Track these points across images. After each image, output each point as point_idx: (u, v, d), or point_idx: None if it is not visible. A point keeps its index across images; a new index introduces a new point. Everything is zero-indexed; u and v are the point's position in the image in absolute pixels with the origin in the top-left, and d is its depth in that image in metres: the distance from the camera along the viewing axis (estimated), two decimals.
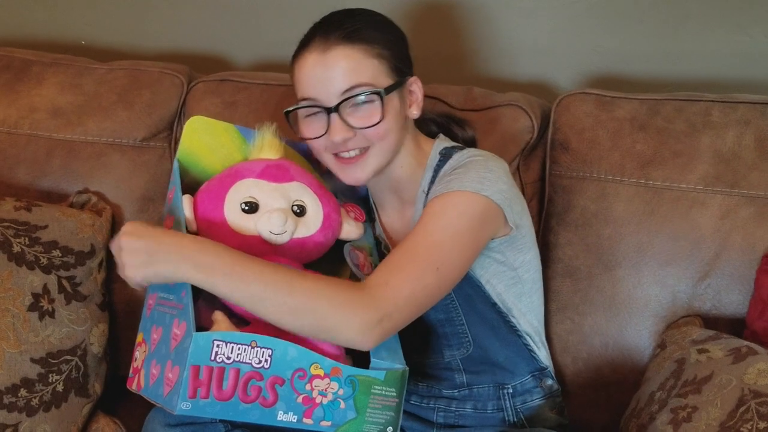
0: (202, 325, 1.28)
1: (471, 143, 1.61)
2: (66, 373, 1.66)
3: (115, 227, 1.82)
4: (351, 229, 1.49)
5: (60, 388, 1.64)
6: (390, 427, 1.34)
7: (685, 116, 1.71)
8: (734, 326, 1.61)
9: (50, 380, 1.63)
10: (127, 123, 1.88)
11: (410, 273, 1.36)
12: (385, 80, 1.43)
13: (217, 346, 1.22)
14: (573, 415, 1.67)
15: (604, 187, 1.70)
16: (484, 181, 1.42)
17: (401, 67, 1.47)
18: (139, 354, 1.41)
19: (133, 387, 1.40)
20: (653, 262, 1.66)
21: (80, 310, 1.70)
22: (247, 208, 1.39)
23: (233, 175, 1.43)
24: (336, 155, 1.46)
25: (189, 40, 2.20)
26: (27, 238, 1.66)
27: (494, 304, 1.52)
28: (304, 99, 1.45)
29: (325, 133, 1.43)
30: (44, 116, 1.88)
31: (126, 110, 1.88)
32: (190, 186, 1.47)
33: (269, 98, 1.85)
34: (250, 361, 1.24)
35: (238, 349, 1.23)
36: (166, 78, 1.93)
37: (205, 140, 1.51)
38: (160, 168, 1.88)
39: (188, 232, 1.37)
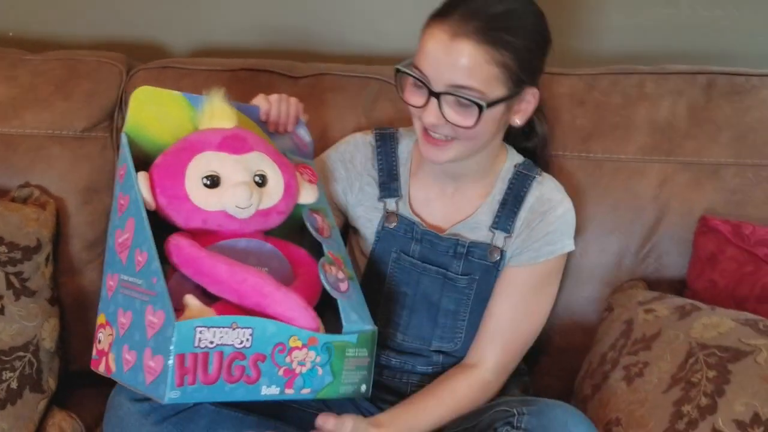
0: (174, 306, 1.28)
1: (543, 140, 1.67)
2: (19, 370, 1.64)
3: (59, 220, 1.81)
4: (308, 193, 1.50)
5: (14, 385, 1.62)
6: (363, 385, 1.42)
7: (620, 89, 1.79)
8: (675, 287, 1.70)
9: (3, 378, 1.61)
10: (67, 114, 1.85)
11: (522, 351, 1.60)
12: (498, 90, 1.42)
13: (200, 332, 1.24)
14: (532, 381, 1.72)
15: (547, 161, 1.73)
16: (573, 233, 1.60)
17: (524, 78, 1.44)
18: (103, 337, 1.40)
19: (99, 369, 1.39)
20: (598, 231, 1.74)
21: (30, 305, 1.69)
22: (209, 182, 1.37)
23: (190, 148, 1.40)
24: (424, 129, 1.47)
25: (122, 29, 2.18)
26: None
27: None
28: (418, 68, 1.43)
29: (422, 107, 1.44)
30: None
31: (64, 101, 1.86)
32: (141, 160, 1.43)
33: (214, 83, 1.77)
34: (232, 343, 1.26)
35: (220, 332, 1.25)
36: (105, 67, 1.91)
37: (152, 111, 1.46)
38: (102, 158, 1.86)
39: (147, 212, 1.35)
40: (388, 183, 1.63)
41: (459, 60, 1.39)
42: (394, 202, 1.63)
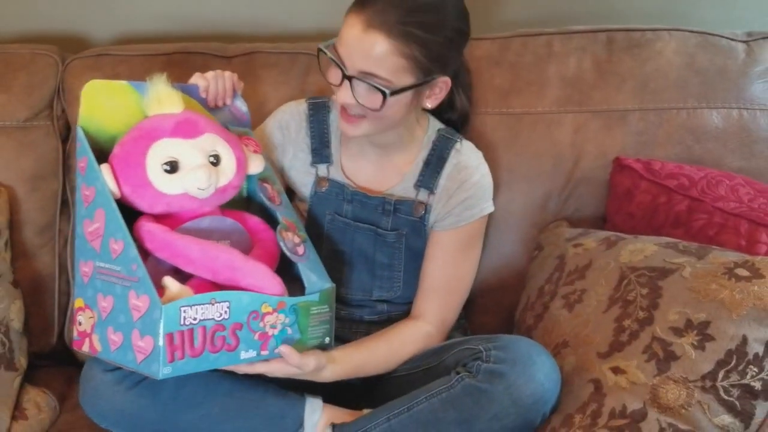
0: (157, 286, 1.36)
1: (464, 113, 1.77)
2: None
3: (11, 208, 1.85)
4: (255, 164, 1.56)
5: None
6: (327, 338, 1.54)
7: (531, 49, 1.93)
8: (595, 223, 1.86)
9: None
10: (8, 105, 1.89)
11: (458, 304, 1.73)
12: (405, 79, 1.50)
13: (184, 311, 1.33)
14: (469, 323, 1.86)
15: (472, 119, 1.86)
16: (491, 196, 1.71)
17: (433, 69, 1.51)
18: (84, 319, 1.46)
19: (83, 349, 1.46)
20: (522, 179, 1.87)
21: None
22: (168, 168, 1.43)
23: (145, 136, 1.45)
24: (342, 106, 1.55)
25: (43, 23, 2.18)
26: None
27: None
28: (336, 51, 1.51)
29: (337, 85, 1.53)
30: None
31: (4, 93, 1.89)
32: (97, 150, 1.47)
33: (151, 68, 1.78)
34: (212, 317, 1.36)
35: (202, 308, 1.35)
36: (39, 58, 1.94)
37: (103, 103, 1.50)
38: (46, 145, 1.91)
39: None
40: (320, 150, 1.72)
41: (369, 50, 1.47)
42: (325, 168, 1.72)
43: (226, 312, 1.37)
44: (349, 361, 1.58)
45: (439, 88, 1.58)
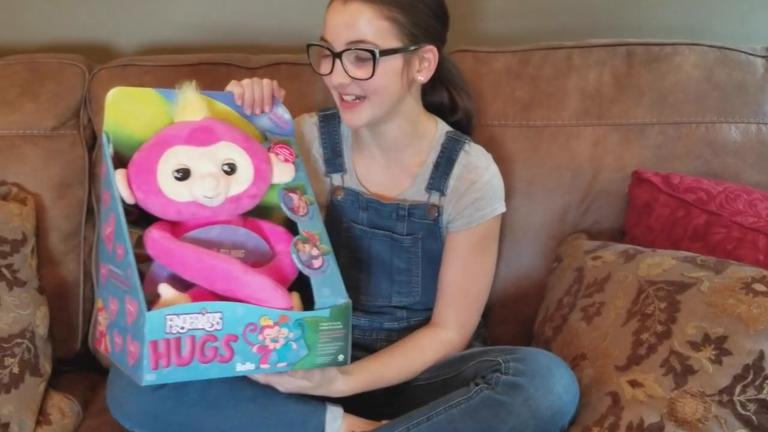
0: (152, 293, 1.37)
1: (468, 114, 1.78)
2: (19, 356, 1.70)
3: (37, 215, 1.88)
4: (282, 173, 1.55)
5: (16, 370, 1.69)
6: (341, 355, 1.47)
7: (551, 63, 1.94)
8: (614, 235, 1.87)
9: (6, 363, 1.67)
10: (35, 114, 1.92)
11: (478, 308, 1.74)
12: (391, 42, 1.54)
13: (170, 319, 1.31)
14: (489, 332, 1.87)
15: (492, 132, 1.90)
16: (502, 196, 1.72)
17: (417, 33, 1.56)
18: (102, 319, 1.48)
19: (101, 348, 1.48)
20: (541, 191, 1.89)
21: (22, 295, 1.76)
22: (179, 175, 1.43)
23: (161, 143, 1.46)
24: (340, 98, 1.59)
25: (71, 32, 2.22)
26: None
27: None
28: (323, 39, 1.56)
29: (329, 73, 1.56)
30: None
31: (32, 102, 1.92)
32: (123, 156, 1.49)
33: (176, 78, 1.81)
34: (203, 327, 1.33)
35: (191, 318, 1.33)
36: (67, 68, 1.97)
37: (128, 109, 1.51)
38: (73, 154, 1.94)
39: (124, 205, 1.42)
40: (333, 159, 1.74)
41: (351, 19, 1.52)
42: (339, 177, 1.74)
43: (218, 323, 1.34)
44: (364, 373, 1.59)
45: (428, 60, 1.61)
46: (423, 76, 1.62)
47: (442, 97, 1.74)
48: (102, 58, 2.11)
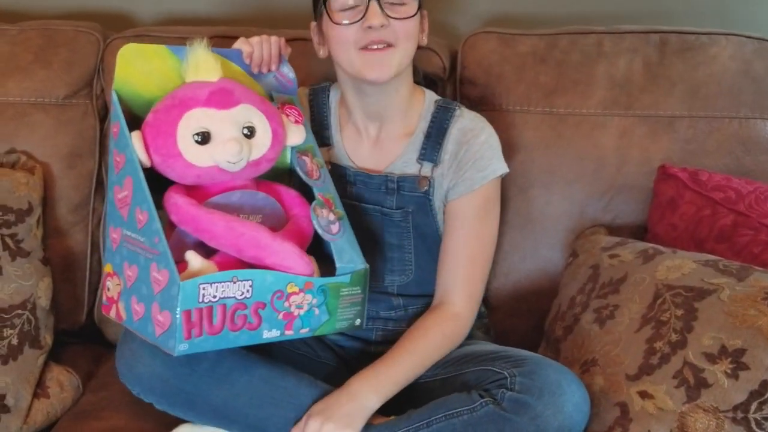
0: (175, 260, 1.34)
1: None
2: (19, 327, 1.69)
3: (46, 184, 1.86)
4: (294, 135, 1.54)
5: (15, 341, 1.67)
6: (358, 319, 1.51)
7: (579, 48, 1.87)
8: (636, 231, 1.80)
9: (4, 335, 1.66)
10: (47, 82, 1.89)
11: (484, 276, 1.67)
12: None
13: (203, 288, 1.31)
14: (497, 324, 1.83)
15: (513, 117, 1.85)
16: (501, 156, 1.66)
17: None
18: (111, 285, 1.46)
19: (111, 314, 1.46)
20: (562, 181, 1.83)
21: (25, 265, 1.74)
22: (199, 139, 1.41)
23: (179, 105, 1.43)
24: (362, 49, 1.55)
25: (87, 0, 2.20)
26: None
27: (440, 238, 1.68)
28: None
29: (361, 19, 1.52)
30: None
31: (44, 69, 1.90)
32: (132, 115, 1.46)
33: None
34: (233, 295, 1.34)
35: (222, 287, 1.33)
36: (82, 36, 1.94)
37: (139, 67, 1.48)
38: (84, 123, 1.91)
39: (142, 168, 1.40)
40: (320, 132, 1.71)
41: None
42: (325, 151, 1.70)
43: (248, 291, 1.35)
44: (381, 380, 1.53)
45: (425, 21, 1.63)
46: (425, 37, 1.64)
47: None
48: (120, 26, 2.08)
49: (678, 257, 1.52)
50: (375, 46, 1.55)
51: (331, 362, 1.65)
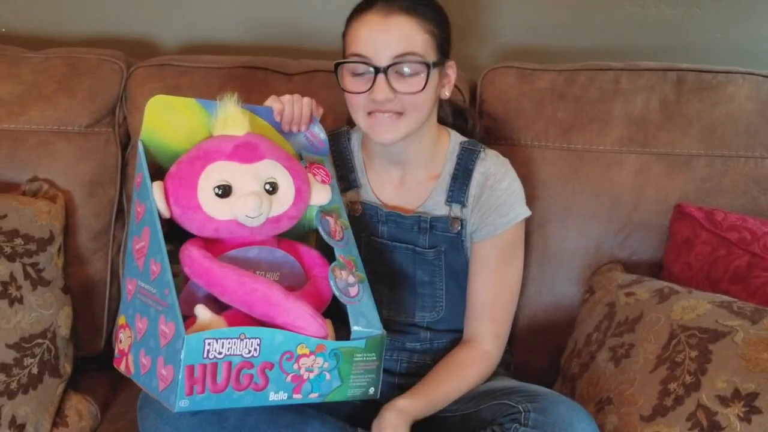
0: (185, 314, 1.32)
1: (472, 134, 1.76)
2: (39, 356, 1.71)
3: (67, 212, 1.88)
4: (320, 194, 1.52)
5: (35, 370, 1.69)
6: (372, 388, 1.45)
7: (597, 84, 1.89)
8: (651, 269, 1.82)
9: (25, 364, 1.67)
10: (71, 110, 1.91)
11: (509, 316, 1.70)
12: (432, 55, 1.55)
13: (209, 344, 1.28)
14: (513, 358, 1.83)
15: (531, 152, 1.87)
16: (524, 201, 1.69)
17: (445, 48, 1.58)
18: (123, 337, 1.44)
19: (121, 368, 1.44)
20: (579, 217, 1.85)
21: (46, 294, 1.75)
22: (220, 192, 1.39)
23: (203, 157, 1.42)
24: (369, 113, 1.56)
25: (111, 25, 2.23)
26: None
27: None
28: (356, 55, 1.54)
29: (368, 90, 1.54)
30: None
31: (68, 98, 1.92)
32: (157, 166, 1.47)
33: (212, 81, 1.92)
34: (240, 353, 1.30)
35: (229, 343, 1.30)
36: (105, 64, 1.96)
37: (167, 118, 1.48)
38: (106, 152, 1.93)
39: (161, 219, 1.39)
40: (346, 176, 1.73)
41: (397, 31, 1.52)
42: (355, 192, 1.72)
43: (256, 349, 1.32)
44: (420, 399, 1.56)
45: (450, 73, 1.64)
46: (447, 91, 1.65)
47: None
48: (143, 53, 2.12)
49: (693, 297, 1.54)
50: (384, 115, 1.56)
51: (356, 401, 1.65)
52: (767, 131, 1.83)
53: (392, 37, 1.52)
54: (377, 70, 1.52)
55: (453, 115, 1.78)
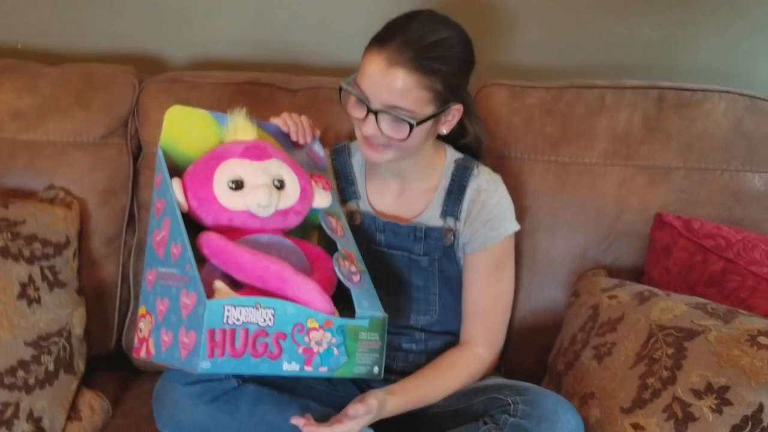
0: (209, 290, 1.42)
1: (478, 138, 1.82)
2: (55, 354, 1.78)
3: (82, 219, 1.96)
4: (322, 198, 1.64)
5: (51, 367, 1.76)
6: (376, 367, 1.55)
7: (583, 101, 1.98)
8: (633, 274, 1.91)
9: (42, 361, 1.74)
10: (86, 122, 1.98)
11: (502, 323, 1.80)
12: (427, 109, 1.59)
13: (228, 310, 1.37)
14: (504, 359, 1.91)
15: (521, 165, 1.95)
16: (513, 216, 1.77)
17: (449, 97, 1.61)
18: (143, 325, 1.54)
19: (141, 355, 1.53)
20: (565, 226, 1.94)
21: (62, 296, 1.83)
22: (233, 185, 1.52)
23: (217, 157, 1.56)
24: (364, 137, 1.64)
25: (124, 42, 2.29)
26: (9, 233, 1.77)
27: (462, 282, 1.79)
28: (359, 87, 1.60)
29: (362, 119, 1.61)
30: (5, 119, 1.97)
31: (84, 110, 1.99)
32: (173, 170, 1.57)
33: (221, 95, 2.00)
34: (256, 321, 1.40)
35: (246, 311, 1.39)
36: (119, 79, 2.04)
37: (183, 127, 1.61)
38: (119, 162, 2.01)
39: (180, 211, 1.50)
40: (347, 188, 1.82)
41: (394, 84, 1.55)
42: (354, 203, 1.81)
43: (270, 319, 1.41)
44: (408, 392, 1.64)
45: (453, 115, 1.67)
46: (446, 129, 1.70)
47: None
48: (154, 69, 2.20)
49: (671, 300, 1.62)
50: (373, 141, 1.64)
51: (352, 395, 1.70)
52: (742, 146, 1.93)
53: (388, 87, 1.56)
54: (369, 110, 1.59)
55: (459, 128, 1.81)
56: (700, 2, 2.21)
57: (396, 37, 1.56)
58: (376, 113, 1.59)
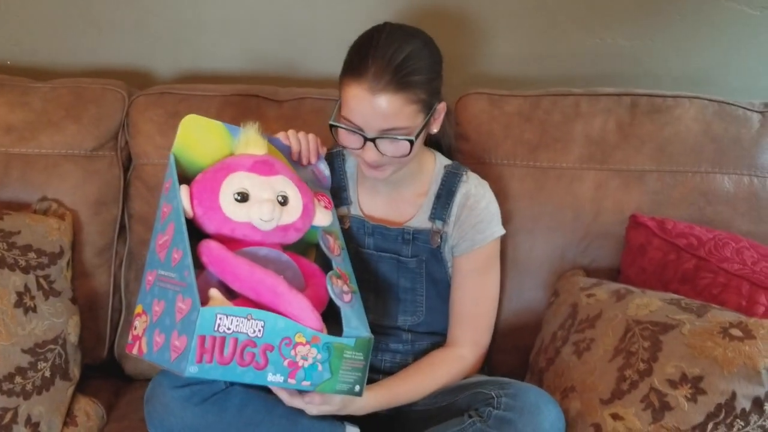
0: (200, 298, 1.44)
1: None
2: (51, 361, 1.81)
3: (74, 230, 1.99)
4: (323, 217, 1.68)
5: (47, 374, 1.80)
6: (357, 386, 1.57)
7: (560, 108, 2.04)
8: (610, 273, 1.97)
9: (39, 367, 1.78)
10: (77, 135, 2.02)
11: (488, 325, 1.85)
12: (419, 119, 1.63)
13: (220, 318, 1.40)
14: (487, 359, 1.94)
15: (501, 170, 2.01)
16: (500, 220, 1.82)
17: (433, 100, 1.66)
18: (139, 324, 1.55)
19: (133, 351, 1.54)
20: (544, 228, 1.99)
21: (57, 304, 1.86)
22: (239, 197, 1.55)
23: (225, 168, 1.58)
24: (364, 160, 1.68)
25: (111, 57, 2.33)
26: (5, 243, 1.81)
27: (449, 285, 1.84)
28: (348, 120, 1.63)
29: (359, 149, 1.65)
30: None
31: (75, 124, 2.03)
32: (181, 176, 1.59)
33: (209, 107, 2.03)
34: (246, 331, 1.42)
35: (237, 321, 1.41)
36: (109, 93, 2.08)
37: (196, 136, 1.63)
38: (109, 174, 2.05)
39: (185, 218, 1.52)
40: (338, 193, 1.85)
41: (383, 111, 1.59)
42: (345, 208, 1.85)
43: (260, 331, 1.43)
44: (382, 391, 1.69)
45: (439, 114, 1.73)
46: (436, 127, 1.75)
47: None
48: (142, 83, 2.24)
49: (646, 296, 1.68)
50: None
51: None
52: (711, 149, 1.99)
53: (379, 114, 1.59)
54: (366, 139, 1.63)
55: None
56: (668, 12, 2.27)
57: (368, 64, 1.59)
58: (374, 140, 1.63)
